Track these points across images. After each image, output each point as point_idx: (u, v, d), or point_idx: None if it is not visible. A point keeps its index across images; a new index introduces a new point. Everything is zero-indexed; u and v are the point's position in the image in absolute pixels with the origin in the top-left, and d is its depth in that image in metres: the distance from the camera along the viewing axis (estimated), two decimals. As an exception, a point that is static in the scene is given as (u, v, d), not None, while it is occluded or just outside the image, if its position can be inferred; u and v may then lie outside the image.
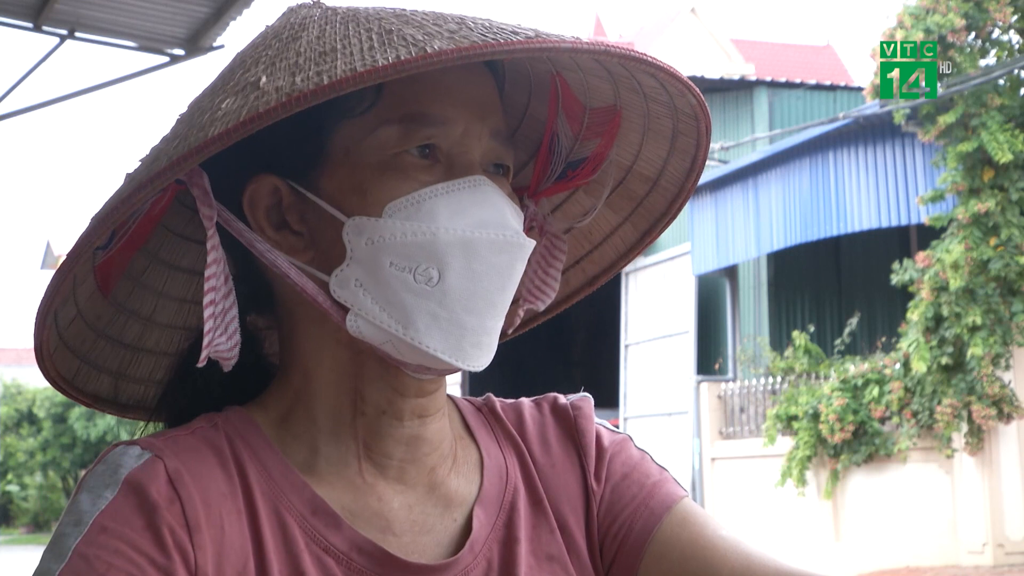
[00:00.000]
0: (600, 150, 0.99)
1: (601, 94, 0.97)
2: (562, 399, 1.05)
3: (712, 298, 15.31)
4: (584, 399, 1.05)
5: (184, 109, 0.88)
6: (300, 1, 0.93)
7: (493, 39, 0.77)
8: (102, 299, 0.97)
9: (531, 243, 0.91)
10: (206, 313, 0.86)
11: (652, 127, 0.98)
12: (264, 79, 0.79)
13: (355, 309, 0.87)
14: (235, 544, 0.84)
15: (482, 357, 0.88)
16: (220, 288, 0.87)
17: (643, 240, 1.06)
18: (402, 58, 0.75)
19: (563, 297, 1.10)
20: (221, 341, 0.88)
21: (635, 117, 0.98)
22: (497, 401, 1.04)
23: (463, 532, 0.93)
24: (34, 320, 0.91)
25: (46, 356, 0.95)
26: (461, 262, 0.86)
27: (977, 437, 10.65)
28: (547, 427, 1.02)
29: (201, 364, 0.87)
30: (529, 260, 1.01)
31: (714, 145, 13.52)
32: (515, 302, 1.09)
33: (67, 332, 0.96)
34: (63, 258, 0.86)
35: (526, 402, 1.05)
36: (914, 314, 10.94)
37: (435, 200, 0.86)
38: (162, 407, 0.98)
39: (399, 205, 0.86)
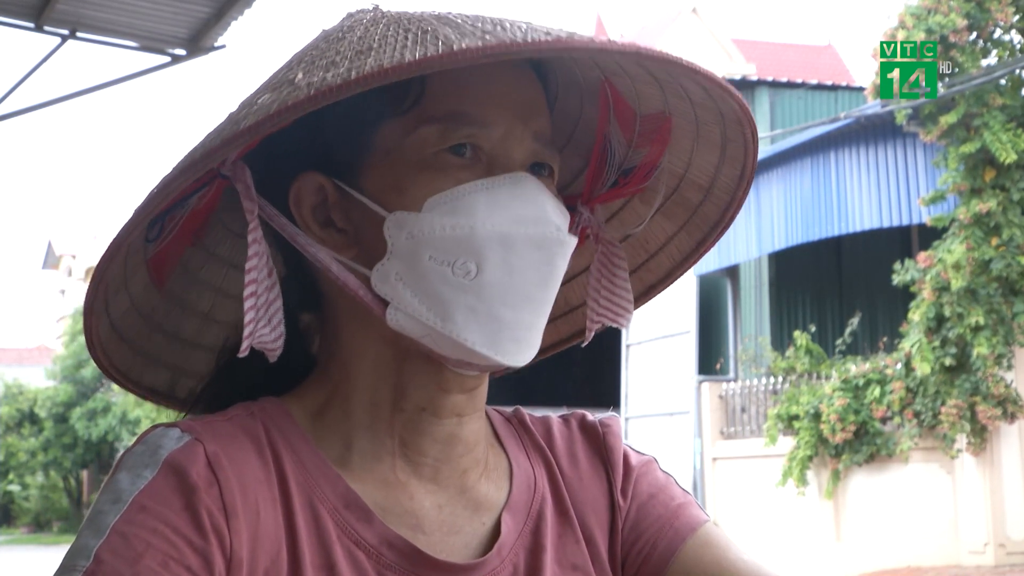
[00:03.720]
0: (651, 157, 1.00)
1: (650, 100, 0.97)
2: (590, 416, 1.06)
3: (713, 298, 15.31)
4: (612, 418, 1.07)
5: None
6: (361, 7, 0.94)
7: (521, 38, 0.78)
8: (156, 291, 0.99)
9: (572, 239, 0.92)
10: (247, 304, 0.87)
11: (702, 134, 0.98)
12: (300, 75, 0.81)
13: (395, 303, 0.88)
14: (269, 531, 0.85)
15: (522, 353, 0.89)
16: (262, 280, 0.88)
17: (698, 249, 1.06)
18: (429, 55, 0.76)
19: None
20: (265, 332, 0.89)
21: (685, 124, 0.98)
22: (526, 414, 1.05)
23: (491, 536, 0.94)
24: (83, 309, 0.93)
25: (97, 345, 0.97)
26: (499, 256, 0.86)
27: (980, 437, 10.66)
28: (575, 442, 1.04)
29: (243, 354, 0.87)
30: (592, 274, 1.03)
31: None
32: (572, 310, 1.11)
33: (120, 323, 0.98)
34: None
35: (554, 417, 1.06)
36: (916, 314, 10.94)
37: (475, 195, 0.87)
38: (204, 397, 0.99)
39: (439, 200, 0.87)
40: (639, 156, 1.00)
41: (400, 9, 0.90)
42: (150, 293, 0.99)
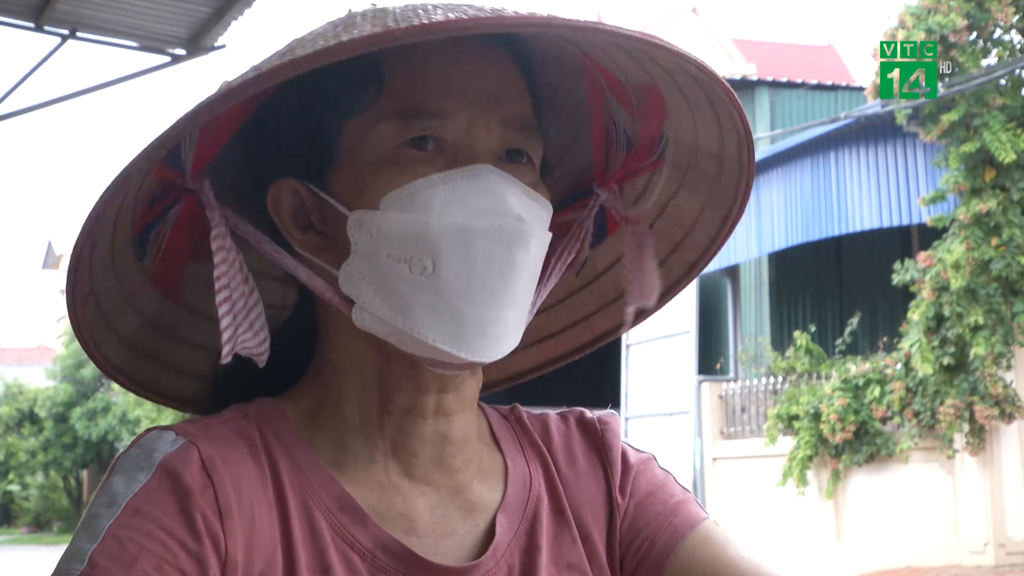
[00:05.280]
0: (652, 129, 0.98)
1: (632, 71, 0.95)
2: (588, 414, 1.06)
3: (713, 298, 15.31)
4: (611, 415, 1.06)
5: None
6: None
7: (455, 16, 0.77)
8: (175, 307, 0.99)
9: (538, 231, 0.90)
10: (221, 311, 0.87)
11: (690, 100, 0.96)
12: (248, 71, 0.81)
13: (360, 302, 0.88)
14: (264, 534, 0.85)
15: (489, 349, 0.87)
16: (236, 287, 0.88)
17: (727, 222, 1.03)
18: (365, 34, 0.76)
19: (666, 288, 1.06)
20: (247, 337, 0.89)
21: (671, 90, 0.96)
22: (524, 411, 1.05)
23: (485, 538, 0.94)
24: (72, 327, 0.94)
25: (103, 363, 0.97)
26: (455, 251, 0.85)
27: (979, 437, 10.66)
28: (573, 440, 1.03)
29: (225, 360, 0.87)
30: (624, 258, 1.01)
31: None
32: (617, 299, 1.08)
33: (135, 339, 0.98)
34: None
35: (552, 415, 1.06)
36: (915, 314, 10.94)
37: (430, 190, 0.86)
38: (212, 400, 0.98)
39: (395, 196, 0.86)
40: (642, 129, 0.99)
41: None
42: (169, 309, 0.99)
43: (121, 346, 0.98)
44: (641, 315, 1.06)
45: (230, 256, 0.88)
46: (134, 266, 0.94)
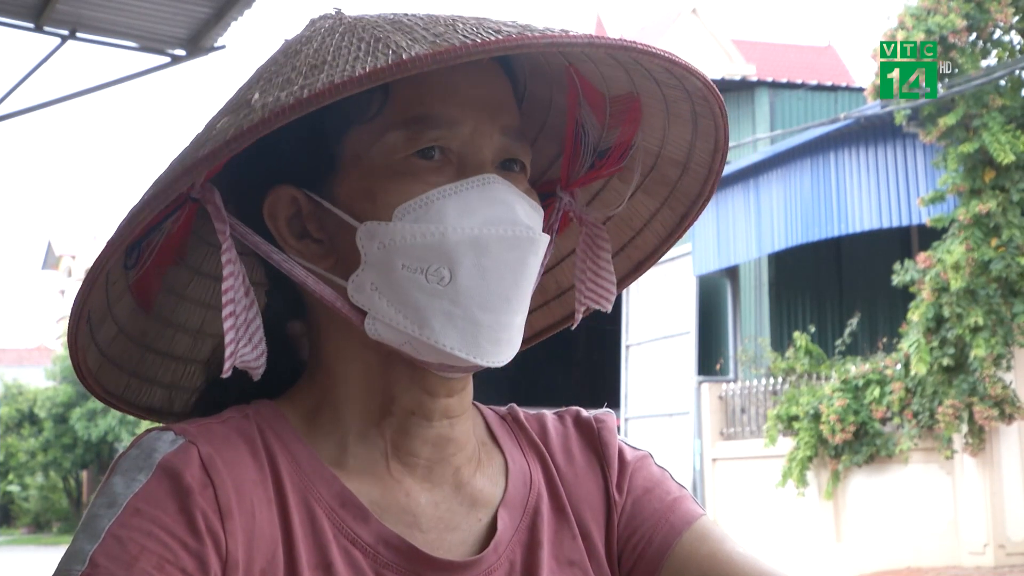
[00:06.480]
0: (624, 137, 1.00)
1: (617, 82, 0.97)
2: (585, 413, 1.07)
3: (713, 299, 15.31)
4: (607, 414, 1.07)
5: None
6: (323, 13, 0.94)
7: (471, 40, 0.78)
8: (145, 316, 1.00)
9: (544, 238, 0.92)
10: (226, 324, 0.87)
11: (672, 111, 0.98)
12: (256, 96, 0.81)
13: (372, 312, 0.88)
14: (265, 532, 0.85)
15: (502, 353, 0.89)
16: (240, 300, 0.89)
17: (682, 224, 1.06)
18: (379, 66, 0.77)
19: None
20: (246, 351, 0.89)
21: (654, 102, 0.98)
22: (520, 411, 1.06)
23: (487, 532, 0.94)
24: (67, 341, 0.94)
25: (87, 374, 0.98)
26: (471, 260, 0.87)
27: (979, 438, 10.65)
28: (570, 438, 1.04)
29: (226, 374, 0.87)
30: (577, 256, 1.03)
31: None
32: (563, 293, 1.11)
33: (110, 349, 0.99)
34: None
35: (549, 414, 1.07)
36: (915, 315, 10.94)
37: (443, 201, 0.87)
38: (199, 409, 0.99)
39: (408, 208, 0.87)
40: (613, 137, 1.00)
41: (359, 13, 0.90)
42: (138, 318, 0.99)
43: (99, 355, 0.98)
44: (569, 317, 1.08)
45: (236, 269, 0.88)
46: (121, 274, 0.94)
